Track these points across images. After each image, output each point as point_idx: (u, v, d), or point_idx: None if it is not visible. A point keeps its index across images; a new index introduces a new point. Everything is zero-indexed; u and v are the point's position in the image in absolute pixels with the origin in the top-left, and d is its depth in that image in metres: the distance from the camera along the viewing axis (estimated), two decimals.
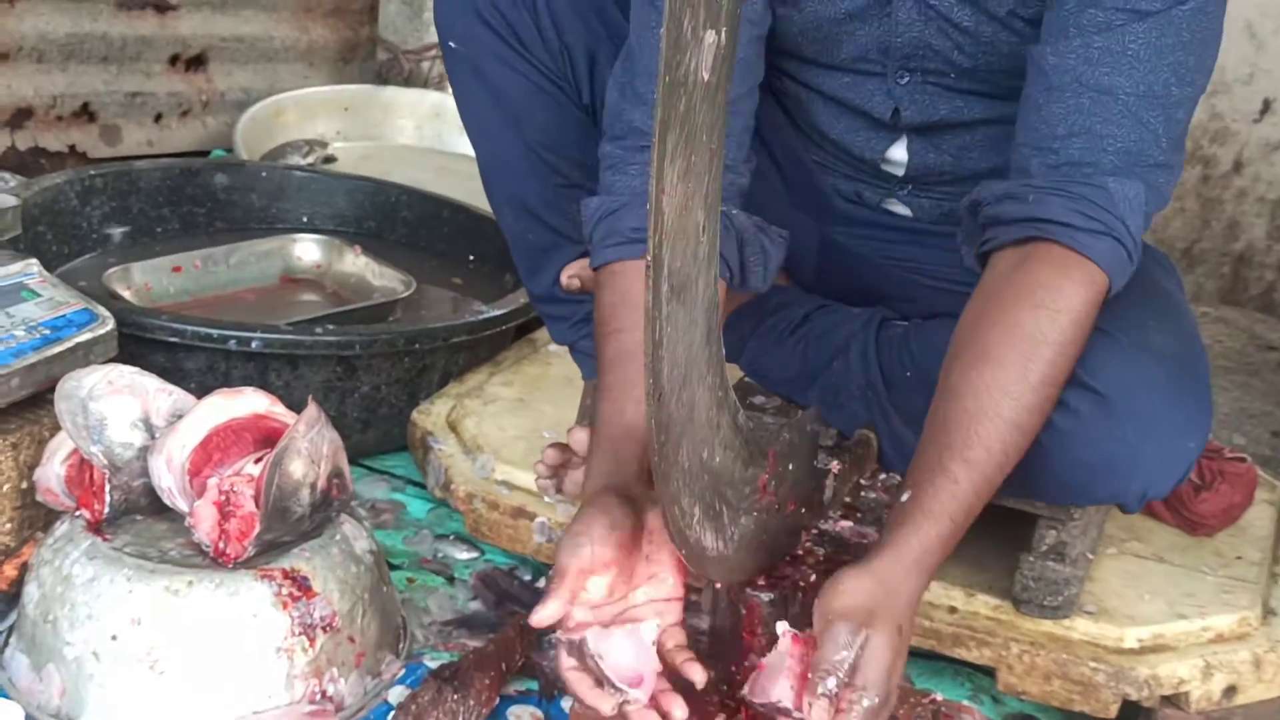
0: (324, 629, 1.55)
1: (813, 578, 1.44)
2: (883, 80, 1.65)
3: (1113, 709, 1.62)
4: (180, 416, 1.61)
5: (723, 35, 1.08)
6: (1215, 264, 3.47)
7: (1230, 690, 1.65)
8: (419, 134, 3.48)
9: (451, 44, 1.81)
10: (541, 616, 1.33)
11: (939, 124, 1.67)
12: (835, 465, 1.55)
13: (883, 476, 1.67)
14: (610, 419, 1.48)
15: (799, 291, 1.90)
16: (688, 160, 1.09)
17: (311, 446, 1.57)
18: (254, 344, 1.98)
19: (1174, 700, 1.63)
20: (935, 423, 1.41)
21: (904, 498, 1.38)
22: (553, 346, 2.19)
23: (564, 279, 1.81)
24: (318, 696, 1.53)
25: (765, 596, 1.41)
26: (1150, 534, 1.87)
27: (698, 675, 1.33)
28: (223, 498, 1.54)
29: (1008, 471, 1.39)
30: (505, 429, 2.01)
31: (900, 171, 1.73)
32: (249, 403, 1.63)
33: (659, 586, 1.38)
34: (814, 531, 1.52)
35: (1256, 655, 1.66)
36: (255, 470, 1.56)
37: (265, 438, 1.60)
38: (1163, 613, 1.69)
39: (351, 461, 1.99)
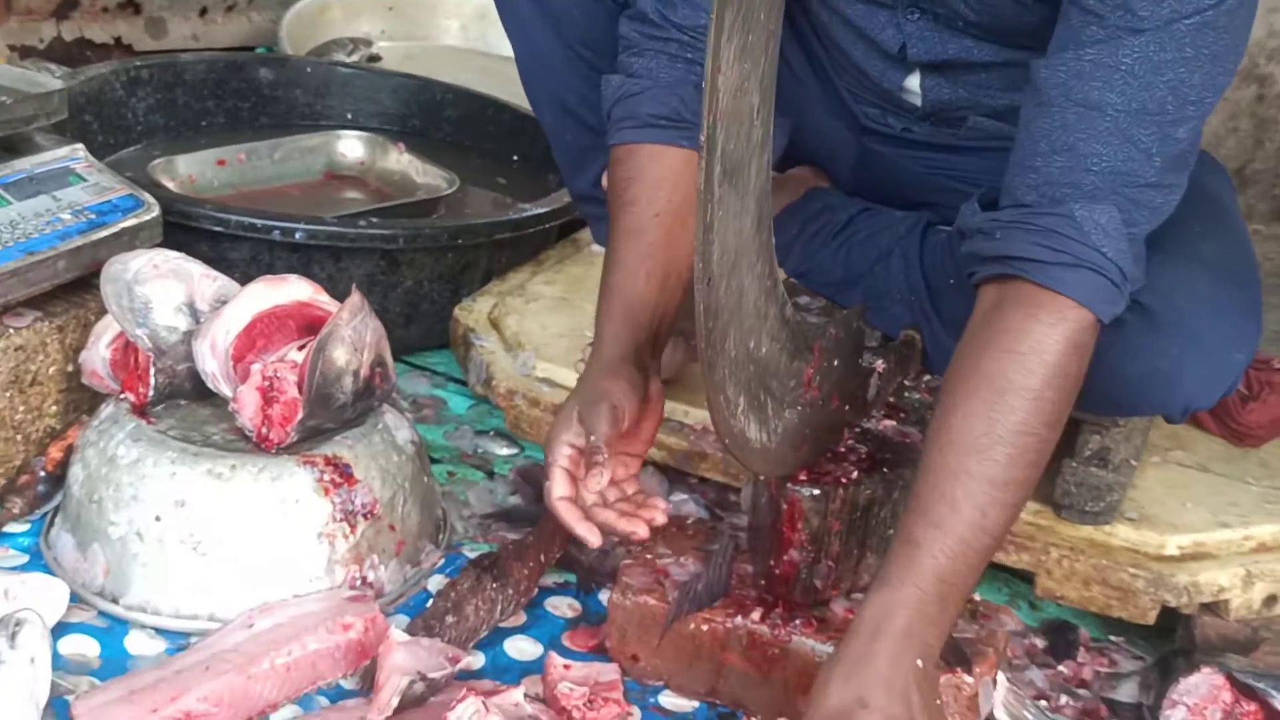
0: (365, 516, 1.56)
1: (854, 474, 1.44)
2: (893, 13, 1.60)
3: (1151, 615, 1.62)
4: (225, 302, 1.62)
5: None
6: (1268, 184, 3.41)
7: (1271, 600, 1.64)
8: (464, 35, 3.45)
9: None
10: (594, 486, 1.41)
11: (949, 63, 1.62)
12: (880, 364, 1.54)
13: (926, 378, 1.66)
14: (622, 288, 1.52)
15: (842, 196, 1.87)
16: (744, 39, 1.07)
17: (355, 334, 1.57)
18: (298, 235, 1.98)
19: (1213, 608, 1.63)
20: (912, 489, 1.34)
21: None
22: (595, 246, 2.17)
23: (605, 179, 1.80)
24: (358, 582, 1.55)
25: (806, 491, 1.41)
26: (1195, 443, 1.85)
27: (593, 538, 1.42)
28: (266, 383, 1.55)
29: (995, 528, 1.30)
30: (547, 327, 2.00)
31: (918, 102, 1.70)
32: (293, 290, 1.63)
33: (632, 443, 1.47)
34: (857, 429, 1.52)
35: None
36: (299, 357, 1.56)
37: (309, 325, 1.61)
38: (1205, 521, 1.68)
39: (393, 357, 2.01)
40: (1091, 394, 1.54)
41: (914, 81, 1.67)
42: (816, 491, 1.41)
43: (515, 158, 2.61)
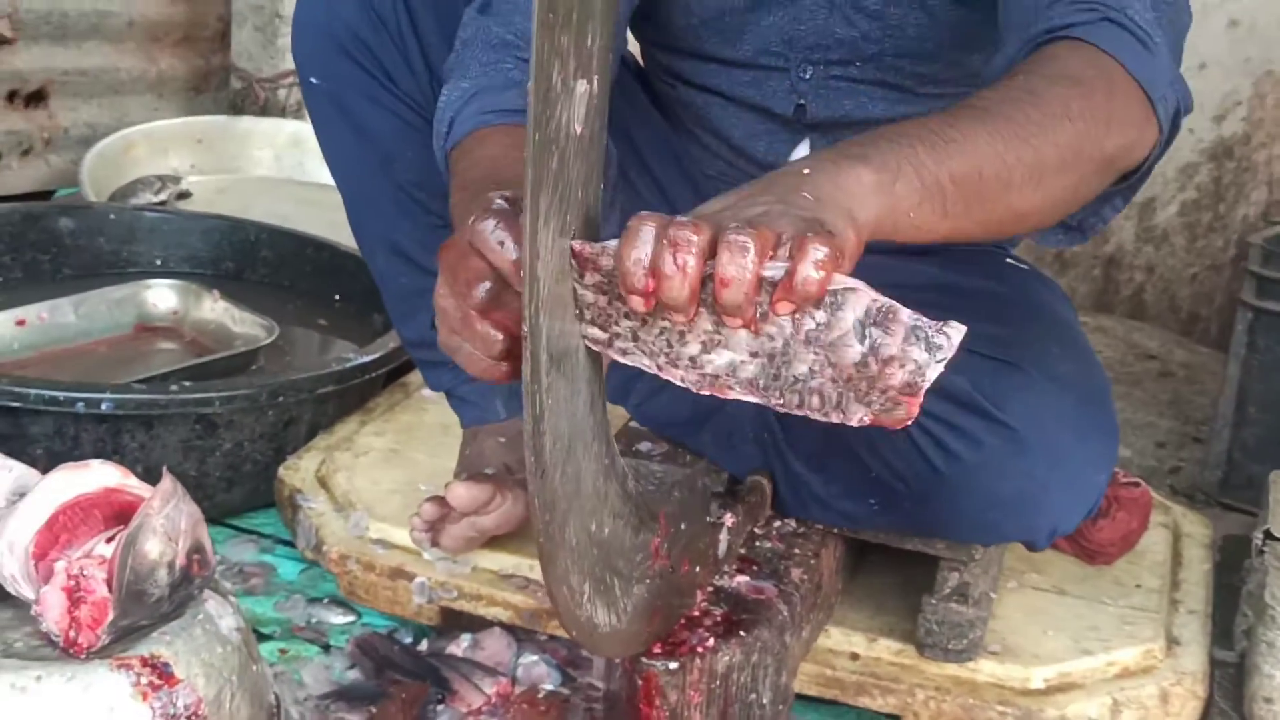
0: (189, 719, 1.44)
1: (710, 641, 1.37)
2: (785, 75, 1.61)
3: None
4: (21, 495, 1.50)
5: (595, 83, 1.00)
6: (1087, 267, 3.49)
7: None
8: (278, 164, 3.36)
9: (313, 80, 1.71)
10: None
11: (842, 121, 1.62)
12: (729, 518, 1.49)
13: (777, 524, 1.61)
14: (481, 163, 1.30)
15: None
16: (562, 220, 1.01)
17: (168, 523, 1.45)
18: (104, 406, 1.86)
19: None
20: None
21: None
22: (426, 392, 2.09)
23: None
24: None
25: (661, 665, 1.33)
26: (1048, 564, 1.83)
27: None
28: (72, 583, 1.42)
29: (1006, 175, 1.17)
30: (379, 482, 1.91)
31: None
32: (98, 476, 1.51)
33: None
34: (709, 589, 1.45)
35: (1163, 689, 1.62)
36: (107, 551, 1.44)
37: (118, 514, 1.48)
38: (1067, 649, 1.65)
39: (216, 522, 1.89)
40: (959, 520, 1.52)
41: (802, 151, 1.64)
42: (673, 665, 1.33)
43: (337, 297, 2.52)
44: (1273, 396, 2.26)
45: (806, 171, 1.09)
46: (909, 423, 1.04)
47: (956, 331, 1.02)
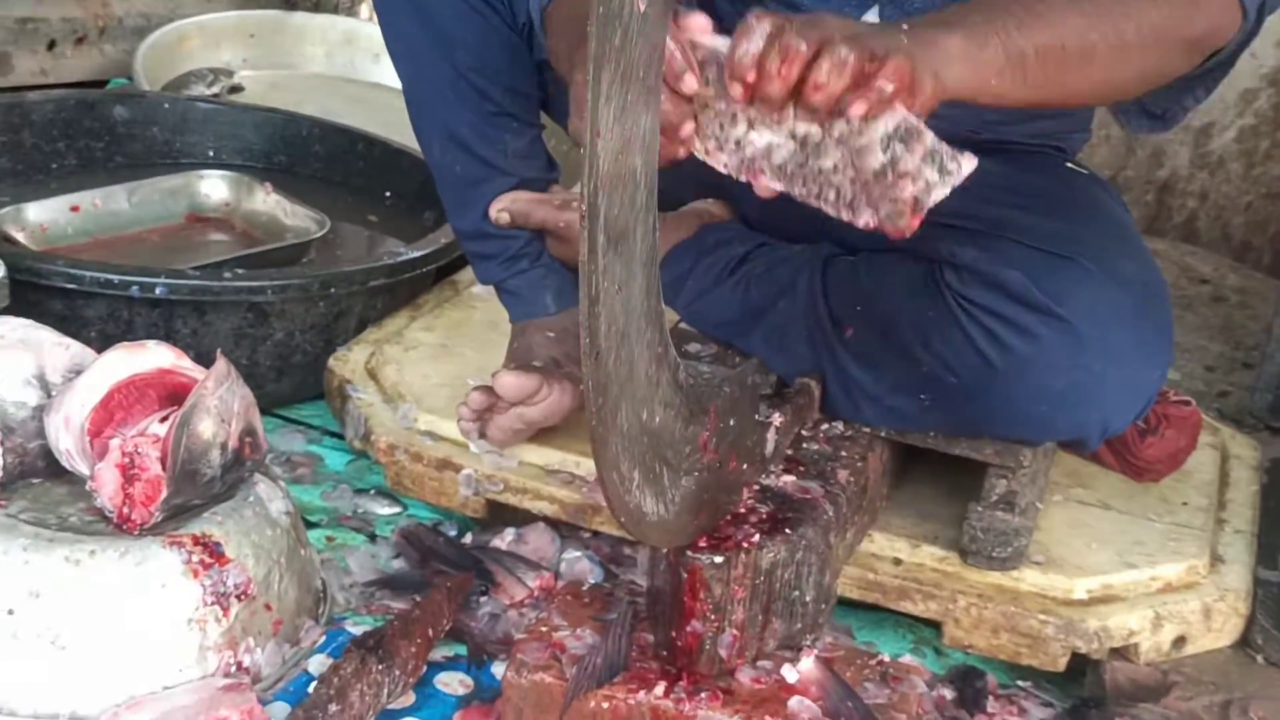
0: (238, 597, 1.46)
1: (755, 537, 1.37)
2: None
3: (1062, 662, 1.58)
4: (79, 372, 1.51)
5: None
6: (1140, 192, 3.44)
7: (1180, 641, 1.61)
8: (330, 62, 3.34)
9: None
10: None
11: None
12: (777, 418, 1.48)
13: (825, 427, 1.60)
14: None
15: (739, 227, 1.81)
16: (624, 99, 1.00)
17: (221, 404, 1.47)
18: (158, 290, 1.87)
19: (1122, 652, 1.59)
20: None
21: None
22: (476, 289, 2.09)
23: (493, 212, 1.74)
24: (233, 669, 1.45)
25: (707, 559, 1.34)
26: (1095, 480, 1.82)
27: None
28: (126, 460, 1.44)
29: (1090, 50, 1.27)
30: (428, 376, 1.91)
31: None
32: (153, 357, 1.52)
33: None
34: (756, 488, 1.45)
35: (1206, 605, 1.62)
36: (161, 430, 1.46)
37: (171, 394, 1.50)
38: (1111, 562, 1.65)
39: (265, 412, 1.90)
40: (1011, 413, 1.51)
41: (873, 16, 1.59)
42: (718, 559, 1.34)
43: (388, 194, 2.51)
44: None
45: (905, 28, 1.20)
46: (906, 235, 1.20)
47: (969, 162, 1.18)
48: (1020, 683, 1.66)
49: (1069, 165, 1.73)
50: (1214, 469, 1.90)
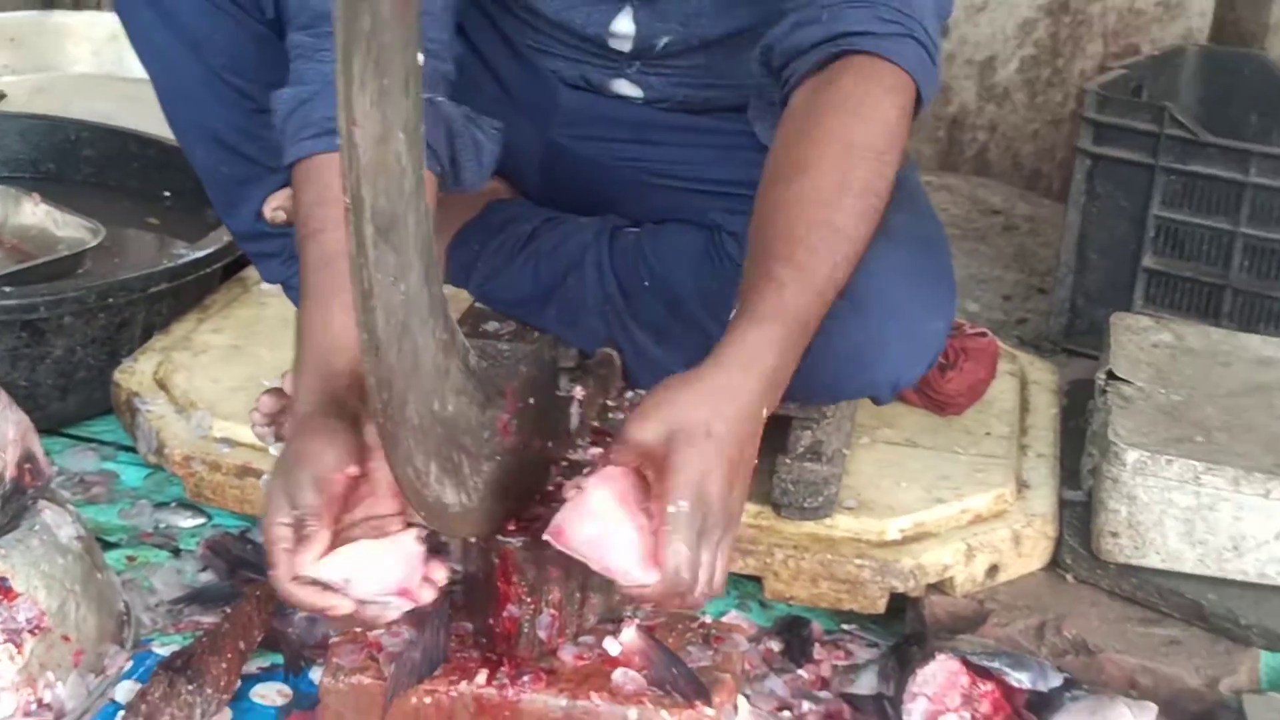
0: (31, 632, 1.39)
1: None
2: None
3: (881, 604, 1.60)
4: None
5: None
6: (932, 129, 3.50)
7: (993, 570, 1.64)
8: (97, 60, 3.20)
9: None
10: (305, 562, 1.19)
11: None
12: (579, 391, 1.46)
13: (629, 395, 1.59)
14: (315, 328, 1.31)
15: (526, 205, 1.79)
16: (379, 84, 0.96)
17: None
18: None
19: (939, 586, 1.62)
20: (755, 243, 1.34)
21: (731, 315, 1.31)
22: (265, 285, 2.03)
23: (267, 212, 1.67)
24: (34, 707, 1.38)
25: (518, 542, 1.32)
26: (900, 419, 1.84)
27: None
28: None
29: (839, 282, 1.33)
30: (220, 380, 1.85)
31: (627, 46, 1.63)
32: None
33: (377, 504, 1.23)
34: (563, 464, 1.43)
35: (1015, 532, 1.65)
36: None
37: None
38: (921, 499, 1.67)
39: (53, 432, 1.82)
40: (802, 382, 1.50)
41: (623, 21, 1.61)
42: (527, 540, 1.31)
43: (167, 194, 2.42)
44: (1111, 242, 2.30)
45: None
46: None
47: None
48: (845, 627, 1.68)
49: None
50: (1014, 396, 1.94)
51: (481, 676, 1.34)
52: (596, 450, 1.47)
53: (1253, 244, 2.17)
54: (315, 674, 1.49)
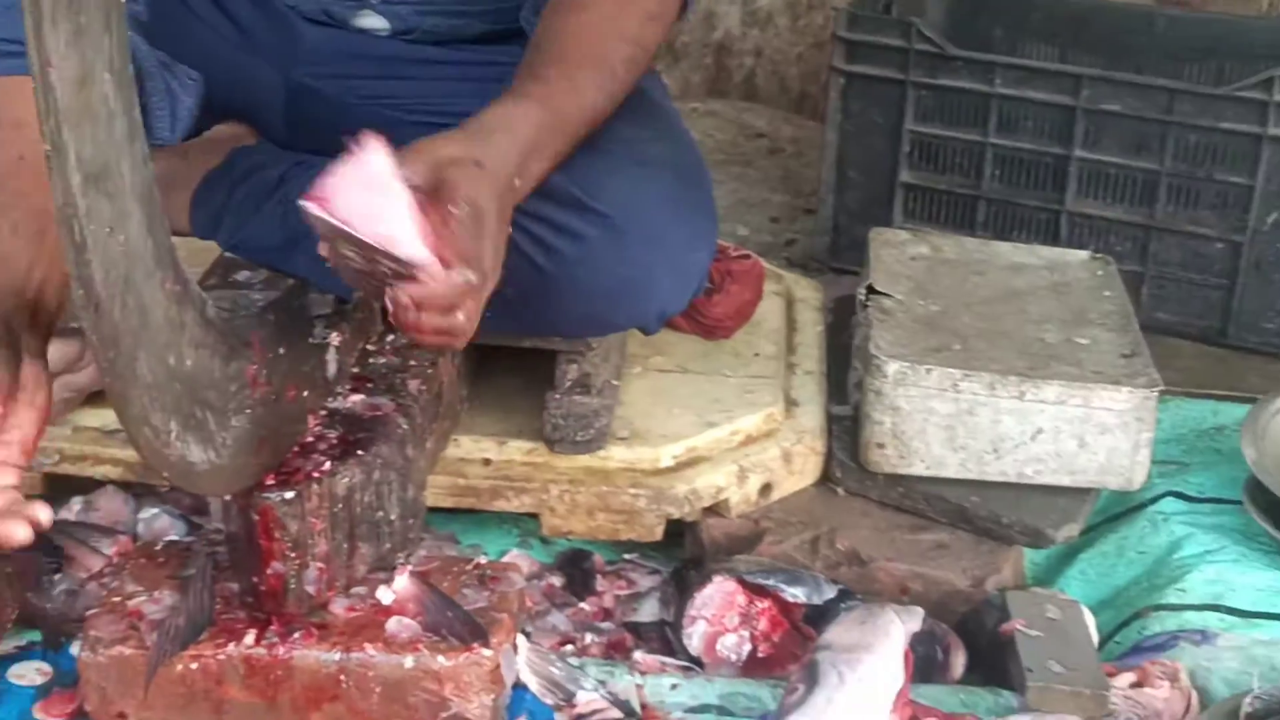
0: None
1: (326, 465, 1.31)
2: None
3: (658, 531, 1.60)
4: None
5: None
6: (699, 56, 3.50)
7: (766, 489, 1.66)
8: None
9: None
10: None
11: None
12: (335, 337, 1.42)
13: (390, 338, 1.55)
14: None
15: (271, 148, 1.73)
16: (75, 21, 0.90)
17: None
18: None
19: (715, 509, 1.63)
20: (526, 62, 1.39)
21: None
22: None
23: None
24: None
25: (277, 496, 1.27)
26: (670, 345, 1.84)
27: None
28: None
29: (600, 112, 1.39)
30: None
31: None
32: None
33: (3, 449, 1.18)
34: (322, 413, 1.39)
35: (785, 450, 1.67)
36: None
37: None
38: (693, 425, 1.67)
39: None
40: (568, 316, 1.51)
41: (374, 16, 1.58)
42: (289, 494, 1.27)
43: None
44: (869, 159, 2.33)
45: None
46: None
47: None
48: (626, 556, 1.68)
49: None
50: (781, 316, 1.96)
51: (250, 637, 1.31)
52: (357, 397, 1.44)
53: (1002, 154, 2.23)
54: (75, 647, 1.42)
